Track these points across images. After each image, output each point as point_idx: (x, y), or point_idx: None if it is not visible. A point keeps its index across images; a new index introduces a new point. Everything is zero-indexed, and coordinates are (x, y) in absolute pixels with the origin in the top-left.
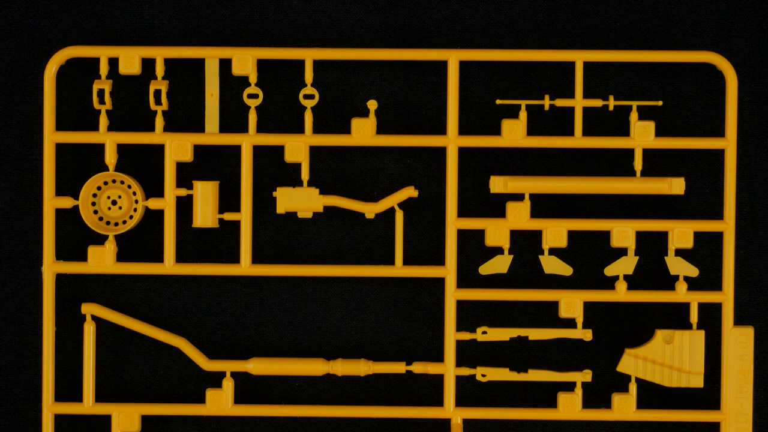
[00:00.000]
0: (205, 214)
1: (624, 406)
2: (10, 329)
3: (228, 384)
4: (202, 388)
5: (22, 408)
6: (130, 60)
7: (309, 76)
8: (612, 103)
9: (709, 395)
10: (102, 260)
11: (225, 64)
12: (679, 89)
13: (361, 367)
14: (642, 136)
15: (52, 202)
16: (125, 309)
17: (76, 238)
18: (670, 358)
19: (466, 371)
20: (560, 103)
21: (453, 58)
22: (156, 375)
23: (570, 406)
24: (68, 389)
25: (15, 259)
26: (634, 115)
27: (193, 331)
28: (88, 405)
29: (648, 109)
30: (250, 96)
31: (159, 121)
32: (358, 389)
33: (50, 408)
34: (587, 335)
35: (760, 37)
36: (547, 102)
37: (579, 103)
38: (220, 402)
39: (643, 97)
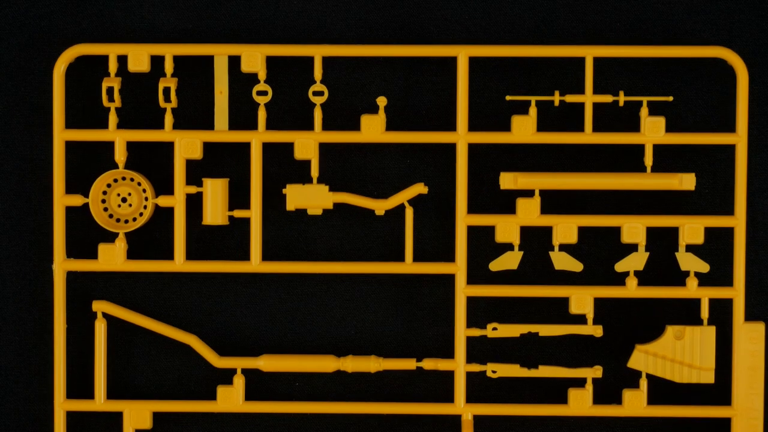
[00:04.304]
0: (215, 211)
1: (635, 402)
2: (21, 327)
3: (239, 381)
4: (213, 385)
5: (34, 405)
6: (139, 57)
7: (318, 72)
8: (622, 98)
9: (719, 391)
10: (112, 258)
11: (234, 62)
12: (689, 85)
13: (372, 364)
14: (652, 131)
15: (62, 200)
16: (136, 306)
17: (86, 235)
18: (680, 353)
19: (476, 367)
20: (570, 99)
21: (463, 54)
22: (167, 372)
23: (580, 402)
24: (79, 386)
25: (26, 257)
26: (644, 111)
27: (203, 329)
28: (100, 402)
29: (658, 104)
30: (260, 93)
31: (168, 119)
32: (369, 386)
33: (62, 405)
34: (598, 331)
35: None
36: (557, 98)
37: (589, 98)
38: (231, 399)
39: (654, 93)
